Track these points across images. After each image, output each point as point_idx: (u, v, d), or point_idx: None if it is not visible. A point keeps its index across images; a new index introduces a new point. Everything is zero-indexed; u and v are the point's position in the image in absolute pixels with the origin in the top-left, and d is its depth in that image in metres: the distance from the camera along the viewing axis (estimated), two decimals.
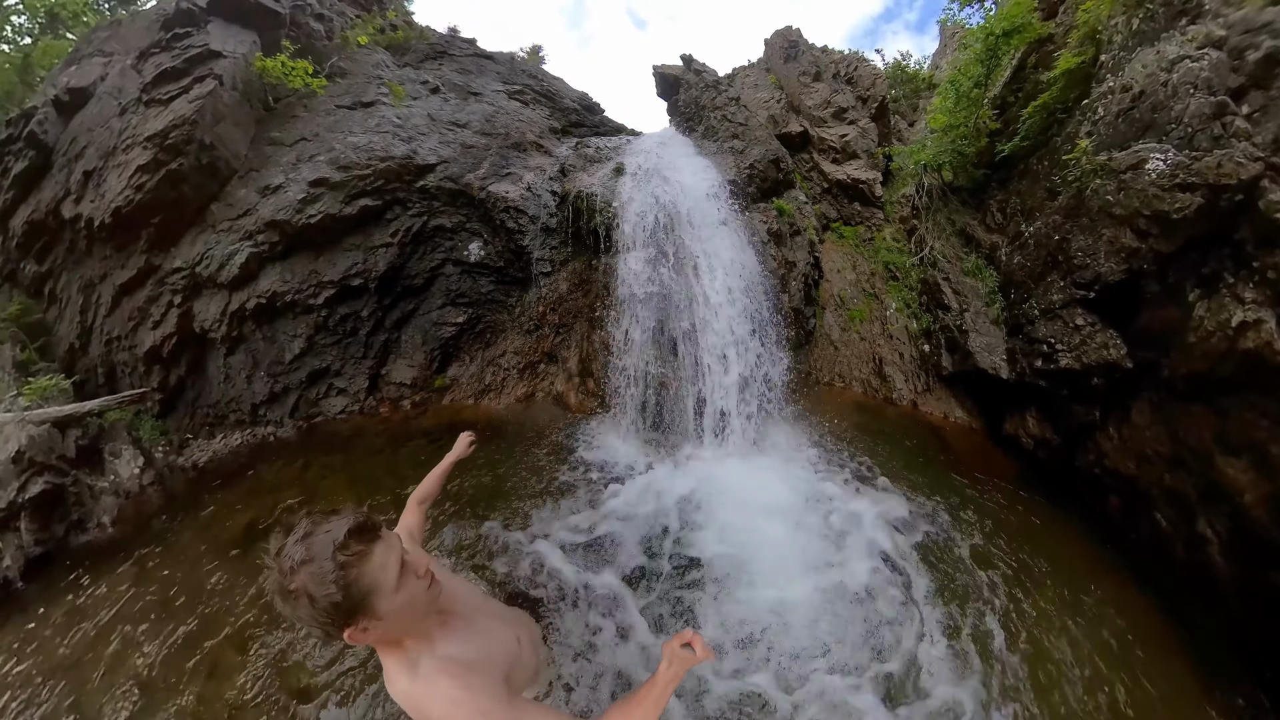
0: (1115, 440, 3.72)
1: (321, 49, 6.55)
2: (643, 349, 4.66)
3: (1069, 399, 4.22)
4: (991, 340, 4.99)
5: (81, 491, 4.31)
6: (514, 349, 5.65)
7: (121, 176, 5.16)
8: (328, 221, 5.26)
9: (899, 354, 5.90)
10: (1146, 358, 3.56)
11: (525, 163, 6.12)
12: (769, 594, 2.80)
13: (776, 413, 4.75)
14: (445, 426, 4.87)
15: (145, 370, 5.55)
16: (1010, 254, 5.18)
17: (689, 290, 4.64)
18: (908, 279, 6.41)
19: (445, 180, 5.62)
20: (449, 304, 5.79)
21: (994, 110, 5.91)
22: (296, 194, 5.21)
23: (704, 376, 4.50)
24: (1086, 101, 4.64)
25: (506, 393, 5.44)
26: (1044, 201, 4.85)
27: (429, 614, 1.12)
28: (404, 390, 5.56)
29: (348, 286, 5.40)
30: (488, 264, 5.75)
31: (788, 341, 5.19)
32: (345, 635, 0.95)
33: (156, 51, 5.65)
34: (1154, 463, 3.34)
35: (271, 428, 5.39)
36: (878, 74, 8.13)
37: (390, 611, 0.98)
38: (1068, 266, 4.23)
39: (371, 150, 5.48)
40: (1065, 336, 4.22)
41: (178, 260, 5.31)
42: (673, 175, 5.37)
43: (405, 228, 5.58)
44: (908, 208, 7.01)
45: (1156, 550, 3.22)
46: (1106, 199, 3.87)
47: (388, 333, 5.69)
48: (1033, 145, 5.31)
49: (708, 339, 4.57)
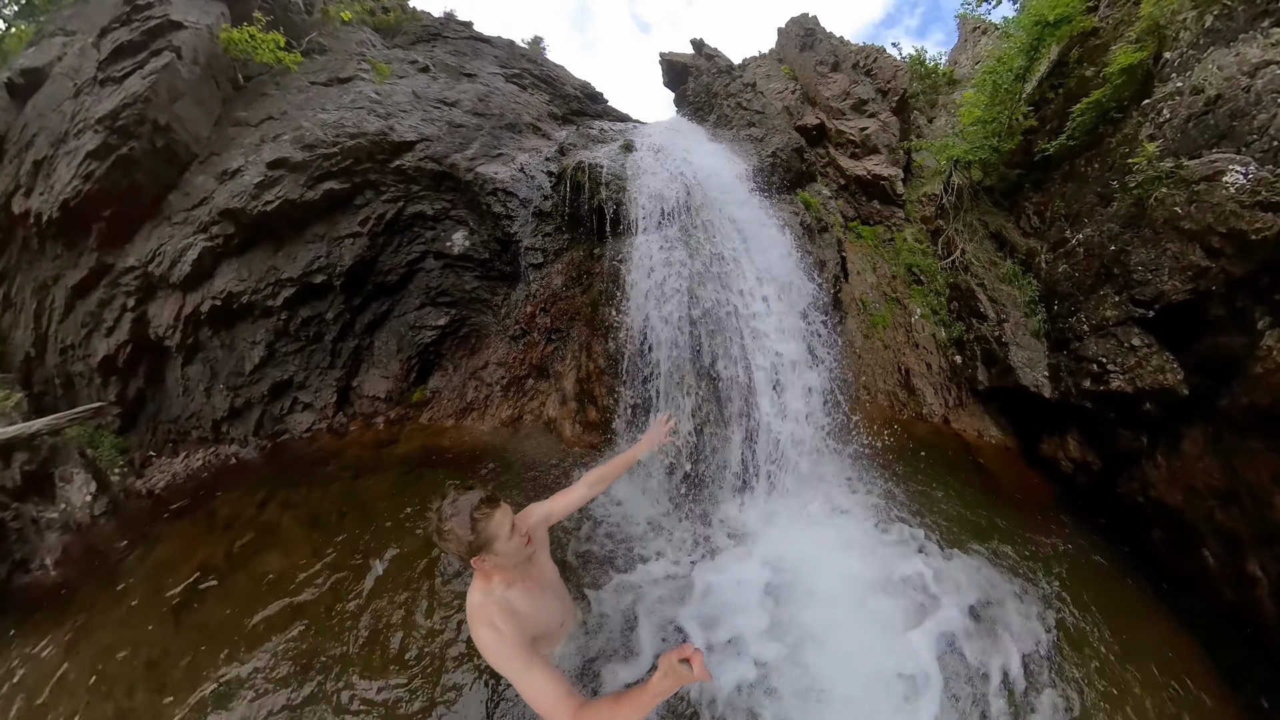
0: (1163, 470, 3.51)
1: (300, 23, 5.97)
2: (672, 370, 3.54)
3: (1115, 423, 3.94)
4: (1033, 355, 4.59)
5: (25, 526, 3.88)
6: (497, 359, 4.80)
7: (70, 165, 4.61)
8: (287, 208, 4.64)
9: (926, 364, 5.47)
10: (1203, 385, 3.35)
11: (520, 144, 5.47)
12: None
13: (826, 446, 3.89)
14: (420, 454, 4.21)
15: (102, 382, 5.02)
16: (1053, 262, 4.76)
17: (727, 289, 3.72)
18: (934, 283, 5.99)
19: (426, 160, 4.94)
20: (428, 304, 5.08)
21: (1029, 107, 5.51)
22: (253, 178, 4.60)
23: (754, 407, 3.51)
24: (1148, 102, 4.33)
25: (490, 413, 4.61)
26: (1094, 207, 4.50)
27: (519, 566, 1.65)
28: (378, 405, 4.95)
29: (309, 284, 4.76)
30: (472, 256, 5.00)
31: (836, 355, 4.35)
32: (472, 563, 1.53)
33: (116, 26, 5.06)
34: (1204, 497, 3.15)
35: (235, 446, 4.88)
36: (899, 66, 7.64)
37: (501, 552, 1.53)
38: (1125, 280, 3.88)
39: (341, 127, 4.82)
40: (1118, 356, 3.88)
41: (131, 259, 4.77)
42: (693, 157, 4.61)
43: (377, 214, 4.89)
44: (932, 207, 6.59)
45: (1201, 588, 3.08)
46: (1174, 210, 3.57)
47: (358, 338, 5.05)
48: (1080, 145, 4.92)
49: (757, 354, 3.61)
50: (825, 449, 3.87)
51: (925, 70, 9.57)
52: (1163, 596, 3.13)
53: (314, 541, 3.25)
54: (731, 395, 3.55)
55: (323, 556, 3.11)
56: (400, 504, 3.54)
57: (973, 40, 10.56)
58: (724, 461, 3.48)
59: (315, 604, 2.77)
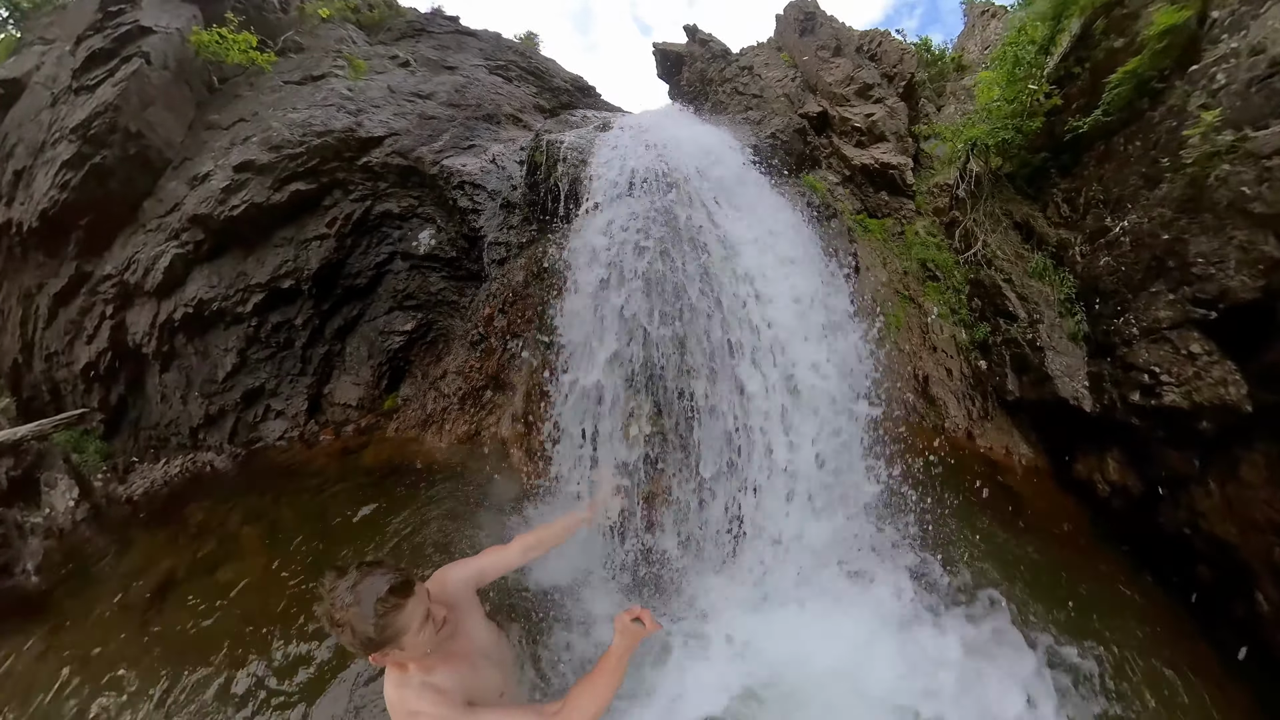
0: (1216, 498, 3.05)
1: (275, 22, 5.86)
2: (616, 405, 2.55)
3: (1164, 442, 3.41)
4: (1071, 361, 4.03)
5: (10, 531, 3.92)
6: (455, 368, 4.45)
7: (48, 175, 4.62)
8: (254, 212, 4.52)
9: (946, 370, 4.93)
10: (1270, 402, 2.86)
11: (496, 135, 5.19)
12: None
13: (845, 493, 2.86)
14: (386, 466, 4.06)
15: (85, 388, 5.06)
16: (1092, 254, 4.17)
17: (711, 280, 2.65)
18: (951, 279, 5.42)
19: (393, 155, 4.74)
20: (396, 308, 4.89)
21: (1050, 85, 4.88)
22: (221, 182, 4.51)
23: (746, 460, 2.51)
24: (1196, 67, 3.73)
25: (448, 429, 4.24)
26: (1139, 190, 3.91)
27: (436, 651, 1.42)
28: (349, 413, 4.79)
29: (278, 290, 4.64)
30: (438, 255, 4.77)
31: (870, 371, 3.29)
32: (370, 658, 1.30)
33: (90, 34, 5.04)
34: (1263, 531, 2.79)
35: (211, 454, 4.81)
36: (905, 49, 7.02)
37: (408, 646, 1.30)
38: (1182, 275, 3.31)
39: (308, 126, 4.67)
40: (1174, 365, 3.32)
41: (108, 266, 4.75)
42: (680, 133, 3.81)
43: (345, 215, 4.72)
44: (945, 197, 6.01)
45: (1254, 636, 2.75)
46: (1240, 190, 3.01)
47: (328, 344, 4.90)
48: (1116, 122, 4.30)
49: (755, 380, 2.55)
50: (842, 497, 2.85)
51: (933, 57, 8.87)
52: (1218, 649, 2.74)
53: (275, 550, 3.25)
54: (711, 432, 2.52)
55: (276, 571, 3.09)
56: (362, 512, 3.53)
57: (981, 25, 9.97)
58: (703, 522, 2.55)
59: (262, 618, 2.77)
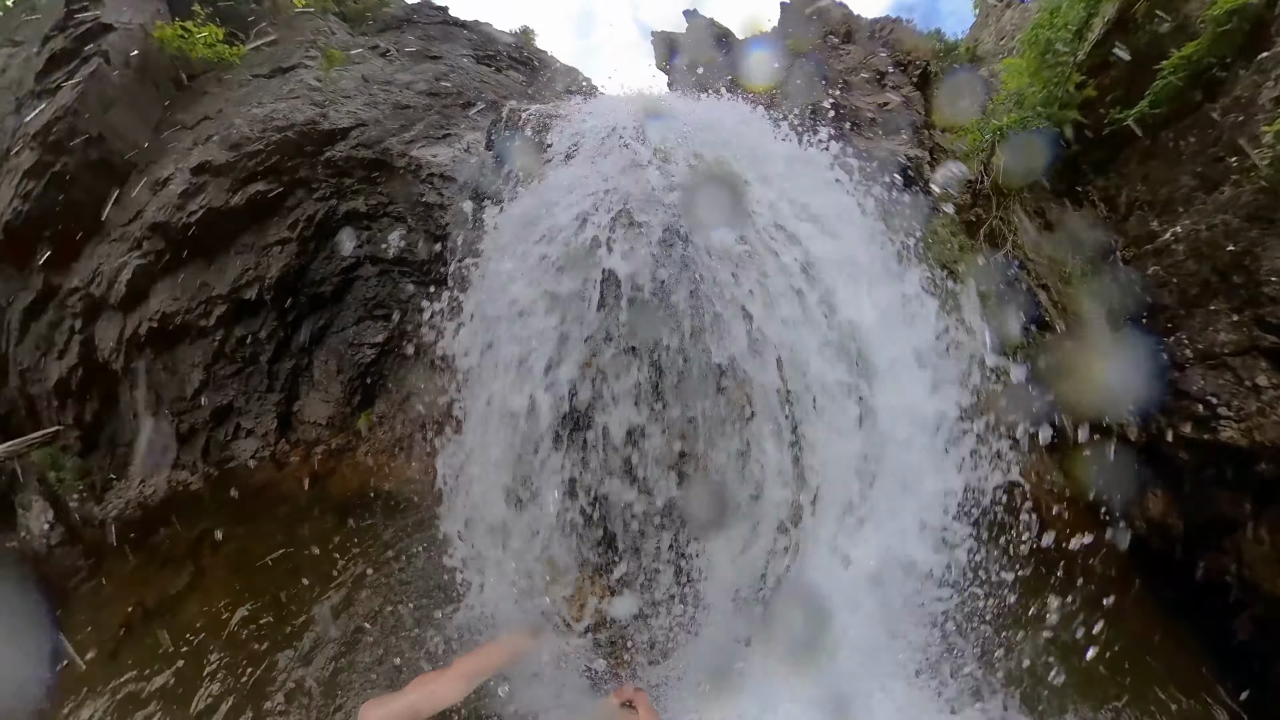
0: (1266, 546, 2.85)
1: (248, 14, 5.55)
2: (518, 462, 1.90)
3: (1213, 482, 3.11)
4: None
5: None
6: (415, 384, 4.13)
7: (10, 185, 4.41)
8: (212, 217, 4.24)
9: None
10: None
11: (474, 123, 4.77)
12: None
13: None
14: (356, 495, 3.80)
15: (59, 405, 4.89)
16: (1139, 261, 3.70)
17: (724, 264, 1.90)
18: (974, 283, 4.93)
19: (359, 148, 4.35)
20: (367, 317, 4.54)
21: (1082, 76, 4.34)
22: (179, 187, 4.25)
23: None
24: (1266, 55, 3.22)
25: (415, 451, 3.89)
26: (1193, 192, 3.48)
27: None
28: (320, 431, 4.51)
29: (241, 300, 4.35)
30: (408, 258, 4.36)
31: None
32: None
33: (54, 34, 4.80)
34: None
35: (185, 473, 4.63)
36: (919, 37, 6.46)
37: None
38: (1249, 294, 2.88)
39: (270, 121, 4.32)
40: (1234, 398, 2.91)
41: (75, 279, 4.55)
42: (675, 106, 3.17)
43: (307, 216, 4.38)
44: (966, 194, 5.47)
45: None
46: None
47: (295, 358, 4.60)
48: (1166, 115, 3.80)
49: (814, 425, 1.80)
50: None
51: (946, 47, 8.25)
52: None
53: (242, 584, 3.18)
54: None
55: (238, 608, 3.00)
56: (331, 541, 3.35)
57: (995, 15, 9.34)
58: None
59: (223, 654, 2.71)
